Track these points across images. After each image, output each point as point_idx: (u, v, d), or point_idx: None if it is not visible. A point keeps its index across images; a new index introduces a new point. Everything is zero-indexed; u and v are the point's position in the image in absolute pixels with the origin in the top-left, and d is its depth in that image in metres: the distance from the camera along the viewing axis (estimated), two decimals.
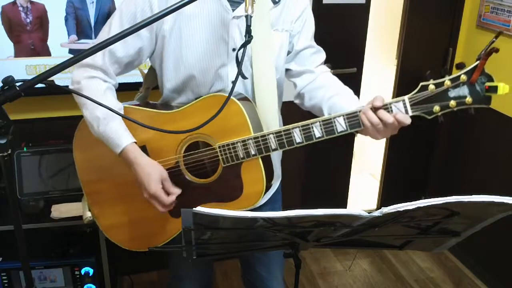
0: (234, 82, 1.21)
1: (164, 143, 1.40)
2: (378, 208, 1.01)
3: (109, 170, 1.48)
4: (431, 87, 1.21)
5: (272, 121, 1.39)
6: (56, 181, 2.11)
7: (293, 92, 1.53)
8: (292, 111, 1.58)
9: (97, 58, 1.34)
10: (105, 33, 1.36)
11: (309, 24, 1.48)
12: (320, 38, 1.51)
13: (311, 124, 1.27)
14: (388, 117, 1.22)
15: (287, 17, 1.42)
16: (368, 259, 2.98)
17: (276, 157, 1.57)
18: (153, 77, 1.51)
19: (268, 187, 1.38)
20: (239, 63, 1.22)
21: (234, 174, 1.36)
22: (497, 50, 1.14)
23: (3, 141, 1.01)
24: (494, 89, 1.18)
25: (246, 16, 1.18)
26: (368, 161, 3.71)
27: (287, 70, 1.51)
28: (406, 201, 0.99)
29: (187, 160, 1.40)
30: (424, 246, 1.33)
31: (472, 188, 2.81)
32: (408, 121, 1.23)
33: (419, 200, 0.98)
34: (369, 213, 1.01)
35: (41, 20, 2.10)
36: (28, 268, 1.21)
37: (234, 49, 1.35)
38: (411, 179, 3.20)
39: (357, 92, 2.81)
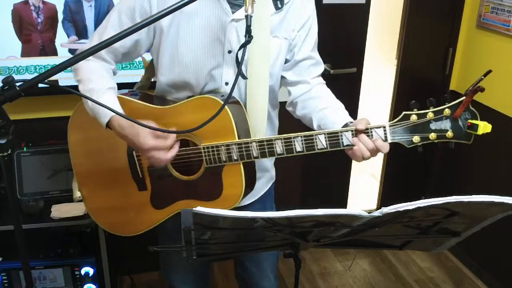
0: (233, 83, 1.20)
1: None
2: (378, 208, 1.01)
3: (99, 154, 1.48)
4: (413, 117, 1.24)
5: (260, 125, 1.39)
6: (56, 181, 2.11)
7: (287, 98, 1.53)
8: (290, 114, 1.57)
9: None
10: (103, 26, 1.37)
11: (313, 34, 1.47)
12: (320, 38, 1.51)
13: (293, 138, 1.29)
14: (368, 142, 1.27)
15: (289, 25, 1.40)
16: (368, 259, 2.98)
17: (269, 159, 1.57)
18: (154, 68, 1.51)
19: (247, 192, 1.40)
20: (238, 63, 1.22)
21: (215, 175, 1.37)
22: (482, 89, 1.16)
23: (3, 141, 1.01)
24: (476, 127, 1.20)
25: (246, 16, 1.18)
26: (368, 161, 3.71)
27: (282, 77, 1.49)
28: (406, 201, 0.99)
29: None
30: (424, 246, 1.33)
31: (472, 188, 2.81)
32: (386, 149, 1.28)
33: (419, 200, 0.98)
34: (369, 213, 1.01)
35: (52, 20, 2.09)
36: (28, 268, 1.21)
37: (230, 51, 1.35)
38: (411, 179, 3.20)
39: (357, 92, 2.81)
